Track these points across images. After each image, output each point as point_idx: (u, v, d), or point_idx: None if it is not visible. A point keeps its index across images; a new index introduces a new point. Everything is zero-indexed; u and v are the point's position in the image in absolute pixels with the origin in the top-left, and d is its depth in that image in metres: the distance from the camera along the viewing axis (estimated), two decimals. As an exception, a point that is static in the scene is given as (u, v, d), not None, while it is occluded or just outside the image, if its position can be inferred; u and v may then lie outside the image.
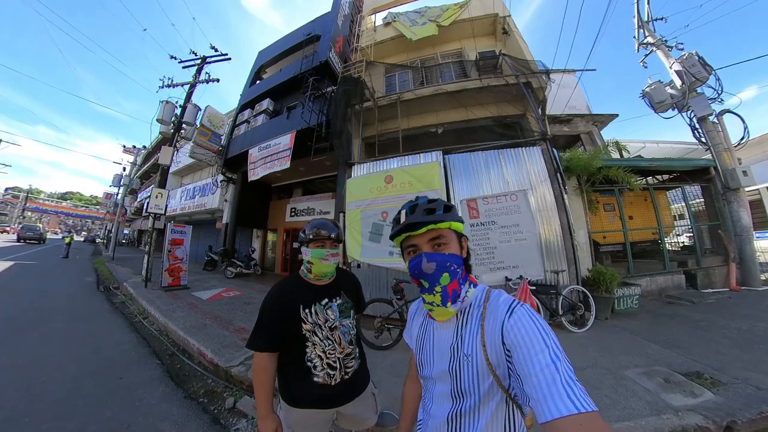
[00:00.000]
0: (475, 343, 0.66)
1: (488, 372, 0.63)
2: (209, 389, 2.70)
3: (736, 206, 6.38)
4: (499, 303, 0.67)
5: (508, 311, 0.63)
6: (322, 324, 1.20)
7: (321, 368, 1.18)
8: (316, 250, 1.21)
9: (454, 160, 4.63)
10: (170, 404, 2.42)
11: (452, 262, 0.70)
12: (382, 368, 2.91)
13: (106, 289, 7.34)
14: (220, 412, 2.36)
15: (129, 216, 22.86)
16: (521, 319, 0.61)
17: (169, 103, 8.53)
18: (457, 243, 0.74)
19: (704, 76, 7.01)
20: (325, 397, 1.21)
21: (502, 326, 0.62)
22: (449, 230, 0.72)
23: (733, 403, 2.14)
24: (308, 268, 1.24)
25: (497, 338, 0.62)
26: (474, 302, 0.72)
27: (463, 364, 0.66)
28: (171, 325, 4.16)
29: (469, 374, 0.65)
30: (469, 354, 0.66)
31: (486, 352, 0.63)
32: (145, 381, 2.78)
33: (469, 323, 0.69)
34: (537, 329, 0.58)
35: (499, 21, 7.50)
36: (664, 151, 14.49)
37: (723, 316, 4.21)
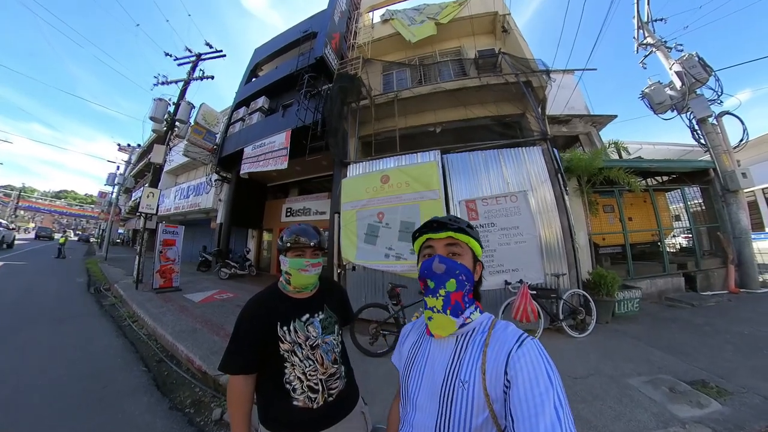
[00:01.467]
0: (474, 370, 0.61)
1: (484, 405, 0.58)
2: (196, 399, 2.60)
3: (735, 208, 6.35)
4: (508, 332, 0.65)
5: (518, 341, 0.60)
6: (302, 342, 1.08)
7: (301, 391, 1.06)
8: (295, 260, 1.09)
9: (453, 160, 4.52)
10: (154, 416, 2.32)
11: (462, 272, 0.70)
12: (377, 377, 2.80)
13: (96, 291, 7.20)
14: (207, 424, 2.26)
15: (124, 215, 22.59)
16: (531, 351, 0.58)
17: (161, 101, 8.36)
18: (472, 261, 0.74)
19: (704, 78, 6.97)
20: (306, 422, 1.08)
21: (509, 355, 0.58)
22: (467, 246, 0.73)
23: (742, 414, 2.07)
24: (287, 279, 1.12)
25: (500, 367, 0.58)
26: (478, 328, 0.70)
27: (457, 392, 0.61)
28: (159, 330, 4.05)
29: (461, 405, 0.60)
30: (465, 381, 0.61)
31: (485, 381, 0.59)
32: (131, 389, 2.68)
33: (470, 348, 0.66)
34: (545, 367, 0.55)
35: (499, 19, 7.42)
36: (660, 152, 14.53)
37: (724, 320, 4.16)
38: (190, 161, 11.83)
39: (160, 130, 8.54)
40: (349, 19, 9.55)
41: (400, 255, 4.11)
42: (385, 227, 4.33)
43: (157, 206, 7.68)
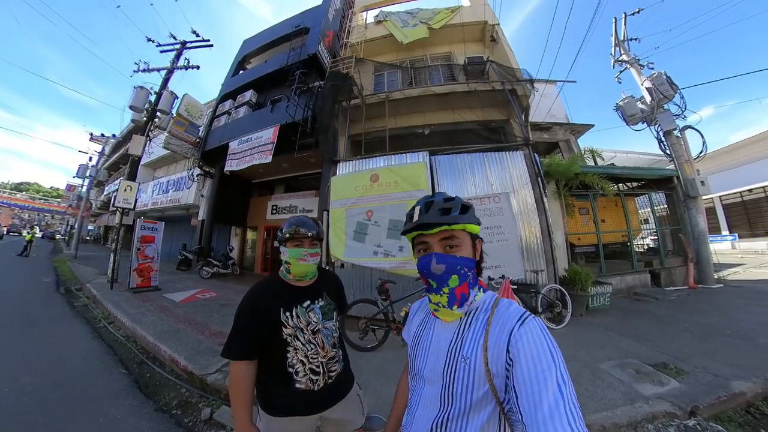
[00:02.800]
0: (476, 347, 0.63)
1: (485, 379, 0.59)
2: (183, 400, 2.52)
3: (695, 212, 6.96)
4: (511, 310, 0.65)
5: (520, 320, 0.61)
6: (304, 327, 1.13)
7: (303, 374, 1.12)
8: (294, 250, 1.15)
9: (440, 161, 4.67)
10: (139, 418, 2.23)
11: (463, 265, 0.68)
12: (367, 370, 2.87)
13: (67, 291, 6.75)
14: (196, 424, 2.20)
15: (94, 210, 21.25)
16: (533, 330, 0.58)
17: (142, 89, 7.97)
18: (471, 245, 0.72)
19: (671, 94, 7.60)
20: (308, 403, 1.14)
21: (511, 333, 0.59)
22: (463, 232, 0.70)
23: (696, 389, 2.36)
24: (287, 268, 1.17)
25: (502, 345, 0.59)
26: (481, 306, 0.70)
27: (459, 367, 0.63)
28: (140, 330, 3.88)
29: (463, 379, 0.62)
30: (467, 357, 0.63)
31: (486, 357, 0.60)
32: (111, 393, 2.55)
33: (472, 326, 0.67)
34: (547, 345, 0.55)
35: (488, 28, 7.70)
36: (632, 160, 15.51)
37: (684, 312, 4.60)
38: (170, 154, 11.33)
39: (139, 120, 8.15)
40: (342, 18, 9.52)
41: (389, 252, 4.21)
42: (374, 225, 4.41)
43: (134, 201, 7.34)
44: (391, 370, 2.83)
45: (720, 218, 14.82)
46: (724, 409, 2.20)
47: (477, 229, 0.72)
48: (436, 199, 0.73)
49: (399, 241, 4.14)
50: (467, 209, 0.72)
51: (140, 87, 7.95)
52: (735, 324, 3.88)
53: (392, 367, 2.90)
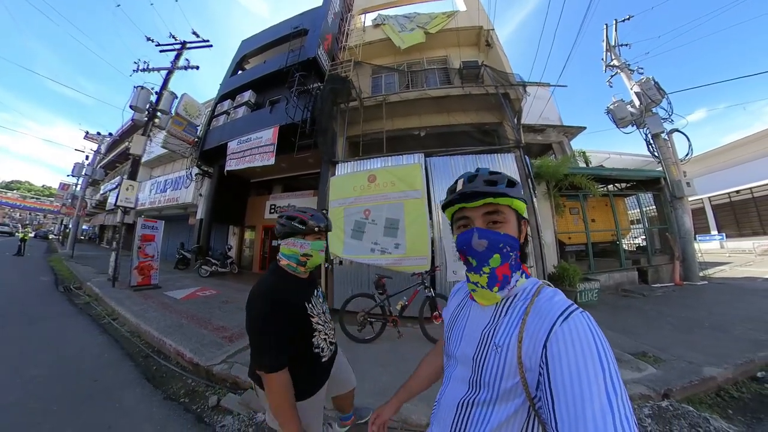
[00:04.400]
0: (510, 336, 0.58)
1: (516, 371, 0.55)
2: (190, 389, 2.64)
3: (681, 212, 7.22)
4: (554, 301, 0.57)
5: (564, 314, 0.53)
6: (320, 312, 1.26)
7: (326, 348, 1.26)
8: (318, 242, 1.21)
9: (435, 163, 4.85)
10: (150, 405, 2.34)
11: (506, 244, 0.62)
12: (365, 360, 3.02)
13: (67, 289, 6.77)
14: (204, 410, 2.31)
15: (89, 210, 21.11)
16: (579, 328, 0.50)
17: (144, 89, 8.02)
18: (516, 225, 0.65)
19: (658, 99, 7.86)
20: (327, 370, 1.31)
21: (551, 329, 0.51)
22: (509, 208, 0.64)
23: (670, 375, 2.54)
24: (302, 261, 1.19)
25: (539, 340, 0.52)
26: (521, 293, 0.63)
27: (491, 354, 0.59)
28: (144, 326, 3.99)
29: (493, 367, 0.58)
30: (500, 345, 0.58)
31: (521, 349, 0.55)
32: (121, 384, 2.66)
33: (509, 313, 0.61)
34: (596, 347, 0.47)
35: (483, 33, 7.89)
36: (626, 162, 15.83)
37: (668, 307, 4.81)
38: (167, 153, 11.36)
39: (141, 120, 8.22)
40: (341, 21, 9.61)
41: (385, 249, 4.38)
42: (371, 224, 4.57)
43: (135, 200, 7.42)
44: (388, 360, 2.99)
45: (709, 218, 15.17)
46: (696, 392, 2.38)
47: (524, 207, 0.66)
48: (481, 171, 0.68)
49: (395, 238, 4.31)
50: (515, 184, 0.66)
51: (141, 87, 8.00)
52: (714, 317, 4.09)
53: (388, 357, 3.06)
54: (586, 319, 0.52)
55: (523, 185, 4.88)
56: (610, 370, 0.45)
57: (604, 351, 0.47)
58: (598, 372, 0.45)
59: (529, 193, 4.81)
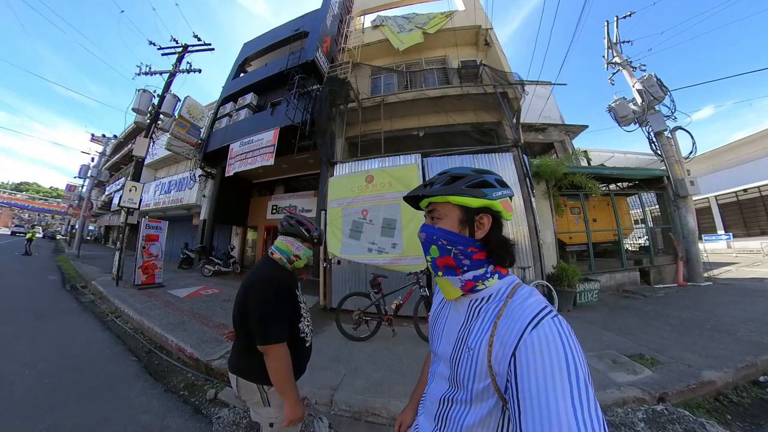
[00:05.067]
0: (481, 339, 0.57)
1: (487, 374, 0.55)
2: (190, 383, 2.73)
3: (685, 212, 7.12)
4: (526, 305, 0.56)
5: (534, 320, 0.51)
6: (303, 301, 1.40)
7: (309, 334, 1.38)
8: (309, 250, 1.40)
9: (432, 163, 4.87)
10: (150, 398, 2.43)
11: (441, 237, 0.65)
12: (360, 357, 3.06)
13: (73, 288, 6.92)
14: (202, 403, 2.40)
15: (95, 211, 21.47)
16: (549, 336, 0.48)
17: (146, 92, 8.18)
18: (458, 219, 0.65)
19: (661, 96, 7.77)
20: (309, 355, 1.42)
21: (521, 336, 0.50)
22: (448, 204, 0.66)
23: (667, 378, 2.46)
24: (292, 260, 1.35)
25: (509, 346, 0.51)
26: (495, 294, 0.62)
27: (464, 356, 0.60)
28: (147, 323, 4.09)
29: (467, 368, 0.59)
30: (472, 348, 0.59)
31: (491, 353, 0.54)
32: (123, 377, 2.76)
33: (481, 316, 0.61)
34: (565, 356, 0.46)
35: (482, 33, 7.88)
36: (630, 160, 15.65)
37: (669, 308, 4.72)
38: (171, 155, 11.52)
39: (143, 123, 8.36)
40: (340, 22, 9.68)
41: (382, 249, 4.41)
42: (369, 224, 4.61)
43: (139, 201, 7.55)
44: (381, 358, 3.02)
45: (715, 218, 14.91)
46: (693, 396, 2.31)
47: (472, 201, 0.64)
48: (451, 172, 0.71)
49: (392, 238, 4.34)
50: (455, 179, 0.68)
51: (143, 90, 8.15)
52: (716, 318, 3.99)
53: (382, 355, 3.09)
54: (557, 325, 0.50)
55: (521, 184, 4.96)
56: (578, 381, 0.44)
57: (574, 361, 0.46)
58: (565, 383, 0.44)
59: (527, 192, 4.80)
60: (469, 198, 0.64)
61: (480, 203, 0.64)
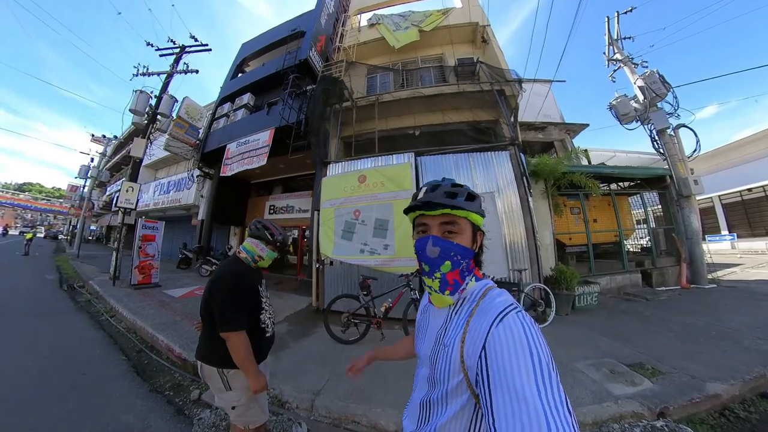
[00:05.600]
0: (455, 336, 0.62)
1: (459, 369, 0.58)
2: (176, 383, 2.73)
3: (688, 212, 6.95)
4: (494, 304, 0.60)
5: (499, 316, 0.55)
6: (266, 296, 1.55)
7: (269, 326, 1.52)
8: (272, 253, 1.54)
9: (426, 162, 4.79)
10: (135, 397, 2.45)
11: (457, 253, 0.66)
12: (346, 361, 2.90)
13: (70, 288, 6.95)
14: (185, 403, 2.41)
15: (97, 211, 21.59)
16: (513, 329, 0.52)
17: (143, 93, 8.18)
18: (471, 236, 0.69)
19: (663, 93, 7.60)
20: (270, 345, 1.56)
21: (489, 330, 0.54)
22: (466, 220, 0.68)
23: (669, 390, 2.29)
24: (256, 259, 1.51)
25: (479, 341, 0.55)
26: (469, 296, 0.68)
27: (441, 353, 0.64)
28: (139, 322, 4.08)
29: (443, 364, 0.62)
30: (447, 345, 0.63)
31: (463, 348, 0.58)
32: (110, 377, 2.78)
33: (458, 315, 0.66)
34: (528, 346, 0.49)
35: (479, 30, 7.77)
36: (632, 160, 15.45)
37: (671, 312, 4.55)
38: (171, 156, 11.55)
39: (140, 123, 8.35)
40: (336, 21, 9.64)
41: (374, 250, 4.34)
42: (361, 224, 4.54)
43: (136, 201, 7.53)
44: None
45: (719, 218, 14.68)
46: (697, 411, 2.14)
47: (480, 220, 0.69)
48: (444, 183, 0.72)
49: (384, 239, 4.26)
50: (474, 198, 0.70)
51: (140, 91, 8.15)
52: (721, 324, 3.80)
53: None
54: (521, 318, 0.54)
55: (518, 184, 4.85)
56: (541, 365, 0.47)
57: (536, 348, 0.49)
58: (529, 368, 0.46)
59: (524, 191, 4.70)
60: (480, 217, 0.70)
61: (481, 221, 0.71)
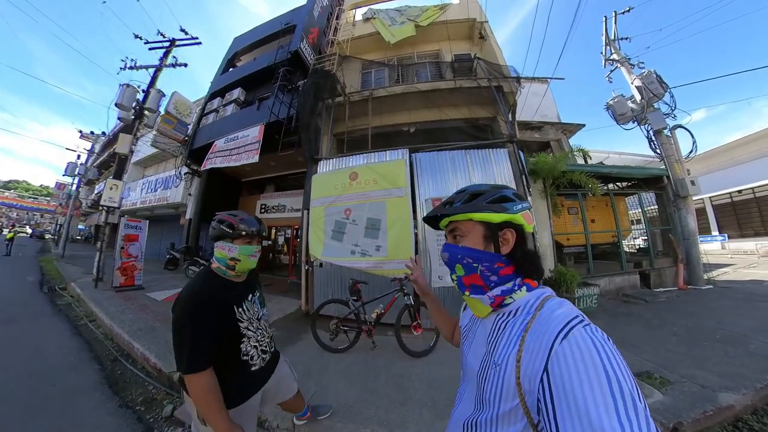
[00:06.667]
0: (509, 354, 0.55)
1: (515, 392, 0.51)
2: (149, 396, 2.55)
3: (685, 212, 6.92)
4: (554, 316, 0.52)
5: (563, 331, 0.48)
6: (252, 318, 1.23)
7: (257, 357, 1.23)
8: (246, 247, 1.20)
9: (421, 159, 4.57)
10: (104, 412, 2.27)
11: (466, 256, 0.65)
12: (334, 371, 2.79)
13: (51, 290, 6.65)
14: (156, 420, 2.24)
15: (84, 209, 21.00)
16: (581, 345, 0.44)
17: (129, 87, 7.85)
18: (482, 235, 0.65)
19: (660, 93, 7.58)
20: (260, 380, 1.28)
21: (551, 348, 0.47)
22: (470, 222, 0.66)
23: (680, 402, 2.19)
24: (230, 265, 1.19)
25: (539, 360, 0.48)
26: (523, 307, 0.60)
27: (491, 372, 0.57)
28: (116, 328, 3.86)
29: (493, 385, 0.55)
30: (498, 363, 0.56)
31: (519, 370, 0.51)
32: (81, 388, 2.61)
33: (508, 329, 0.59)
34: (603, 367, 0.41)
35: (477, 26, 7.65)
36: (625, 161, 15.57)
37: (672, 314, 4.48)
38: (160, 153, 11.19)
39: (126, 119, 8.04)
40: (330, 15, 9.44)
41: (366, 252, 4.11)
42: (352, 224, 4.31)
43: (120, 199, 7.23)
44: (357, 374, 2.73)
45: (710, 219, 14.93)
46: (710, 425, 2.03)
47: (491, 216, 0.64)
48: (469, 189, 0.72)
49: (376, 240, 4.04)
50: (475, 196, 0.68)
51: (127, 85, 7.83)
52: (725, 328, 3.72)
53: (358, 371, 2.80)
54: (589, 333, 0.47)
55: (516, 182, 4.69)
56: (623, 393, 0.39)
57: (614, 370, 0.41)
58: (608, 397, 0.39)
59: (523, 190, 4.53)
60: (491, 213, 0.65)
61: (502, 218, 0.64)
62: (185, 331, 1.02)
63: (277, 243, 12.68)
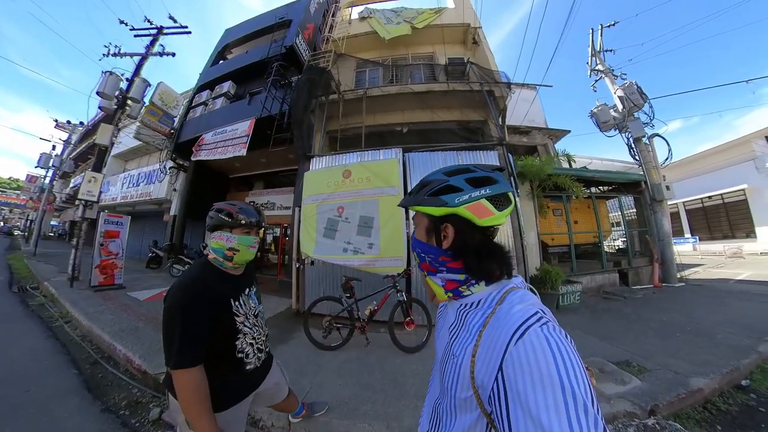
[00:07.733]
0: (465, 347, 0.54)
1: (469, 385, 0.51)
2: (133, 400, 2.44)
3: (660, 215, 7.35)
4: (512, 313, 0.50)
5: (519, 330, 0.45)
6: (248, 313, 1.18)
7: (252, 354, 1.18)
8: (245, 237, 1.15)
9: (414, 159, 4.63)
10: (84, 418, 2.16)
11: (415, 246, 0.68)
12: (328, 369, 2.79)
13: (21, 289, 6.26)
14: (143, 425, 2.14)
15: (59, 204, 19.88)
16: (534, 350, 0.42)
17: (113, 75, 7.48)
18: (426, 228, 0.64)
19: (640, 103, 8.00)
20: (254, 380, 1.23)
21: (506, 348, 0.45)
22: (419, 213, 0.67)
23: (656, 387, 2.36)
24: (228, 255, 1.13)
25: (494, 360, 0.46)
26: (484, 300, 0.57)
27: (449, 361, 0.57)
28: (96, 330, 3.69)
29: (450, 375, 0.56)
30: (456, 355, 0.56)
31: (474, 365, 0.50)
32: (58, 394, 2.45)
33: (467, 323, 0.57)
34: (557, 369, 0.40)
35: (471, 31, 7.81)
36: (607, 167, 16.23)
37: (649, 310, 4.78)
38: (143, 145, 10.76)
39: (108, 108, 7.67)
40: (326, 11, 9.39)
41: (358, 249, 4.12)
42: (345, 221, 4.31)
43: (99, 193, 6.91)
44: (351, 371, 2.75)
45: (683, 222, 15.82)
46: (683, 406, 2.23)
47: (431, 210, 0.61)
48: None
49: (369, 237, 4.06)
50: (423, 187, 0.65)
51: (110, 72, 7.46)
52: (695, 321, 4.04)
53: (353, 368, 2.81)
54: (545, 333, 0.44)
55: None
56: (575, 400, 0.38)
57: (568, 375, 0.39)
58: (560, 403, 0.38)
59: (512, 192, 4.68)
60: (429, 207, 0.61)
61: (441, 212, 0.60)
62: (176, 322, 0.95)
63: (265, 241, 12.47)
